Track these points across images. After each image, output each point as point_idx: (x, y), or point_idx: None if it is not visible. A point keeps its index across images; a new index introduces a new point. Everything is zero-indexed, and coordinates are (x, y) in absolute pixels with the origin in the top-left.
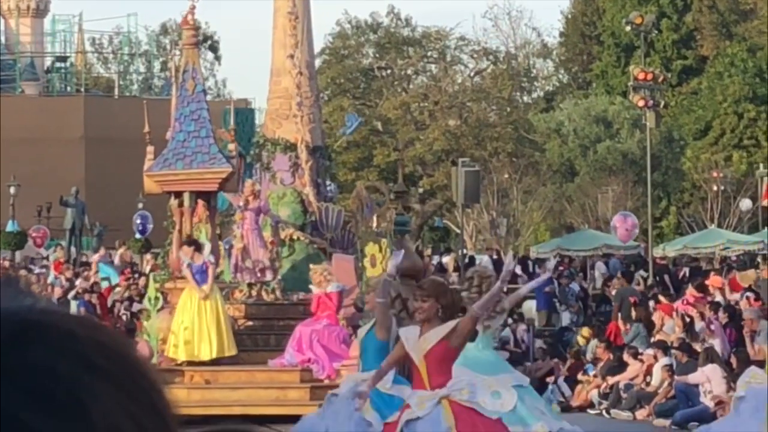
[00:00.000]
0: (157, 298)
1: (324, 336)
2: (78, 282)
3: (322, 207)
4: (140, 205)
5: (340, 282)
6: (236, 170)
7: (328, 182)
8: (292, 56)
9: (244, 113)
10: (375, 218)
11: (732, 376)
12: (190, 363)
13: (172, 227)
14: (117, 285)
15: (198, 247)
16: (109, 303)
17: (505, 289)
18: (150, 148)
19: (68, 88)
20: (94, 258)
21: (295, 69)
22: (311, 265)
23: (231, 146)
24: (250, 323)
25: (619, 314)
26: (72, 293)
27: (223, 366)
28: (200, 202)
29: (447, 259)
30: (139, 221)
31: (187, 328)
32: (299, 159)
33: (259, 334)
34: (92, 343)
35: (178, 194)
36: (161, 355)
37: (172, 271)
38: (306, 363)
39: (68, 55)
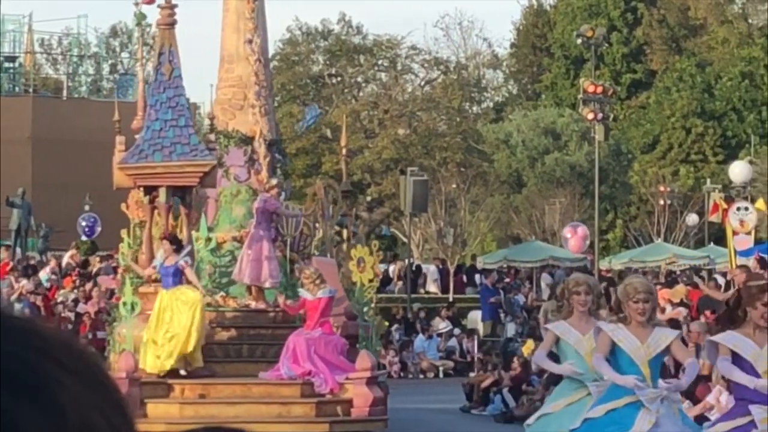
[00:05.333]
0: (134, 304)
1: (321, 346)
2: (23, 283)
3: (283, 206)
4: (87, 207)
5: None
6: (218, 163)
7: (280, 177)
8: (250, 41)
9: None
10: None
11: None
12: (171, 374)
13: (140, 226)
14: (60, 287)
15: (178, 248)
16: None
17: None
18: (120, 138)
19: (16, 89)
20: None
21: (253, 55)
22: (304, 269)
23: (211, 136)
24: (220, 332)
25: None
26: (15, 295)
27: (212, 379)
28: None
29: (392, 268)
30: (84, 223)
31: (173, 337)
32: (256, 153)
33: (231, 344)
34: (57, 341)
35: (149, 189)
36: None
37: (143, 271)
38: (306, 376)
39: (17, 55)
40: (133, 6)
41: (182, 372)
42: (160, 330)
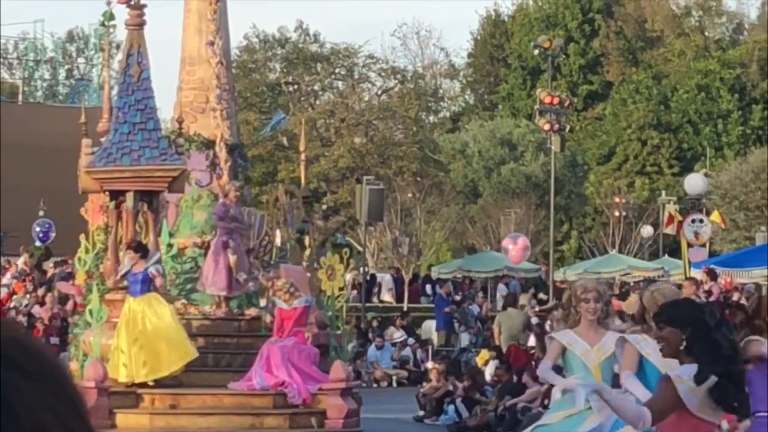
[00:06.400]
0: (101, 311)
1: (294, 356)
2: None
3: (245, 211)
4: (41, 213)
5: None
6: (187, 168)
7: (240, 182)
8: (212, 43)
9: None
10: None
11: None
12: (141, 384)
13: (104, 232)
14: (14, 292)
15: (144, 255)
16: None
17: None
18: (86, 141)
19: None
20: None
21: (215, 58)
22: (275, 279)
23: (180, 140)
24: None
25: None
26: None
27: (182, 389)
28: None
29: (347, 277)
30: (38, 229)
31: (143, 347)
32: (217, 158)
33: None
34: (12, 342)
35: (115, 194)
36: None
37: (109, 281)
38: (279, 386)
39: None
40: (105, 5)
41: (150, 382)
42: (128, 338)
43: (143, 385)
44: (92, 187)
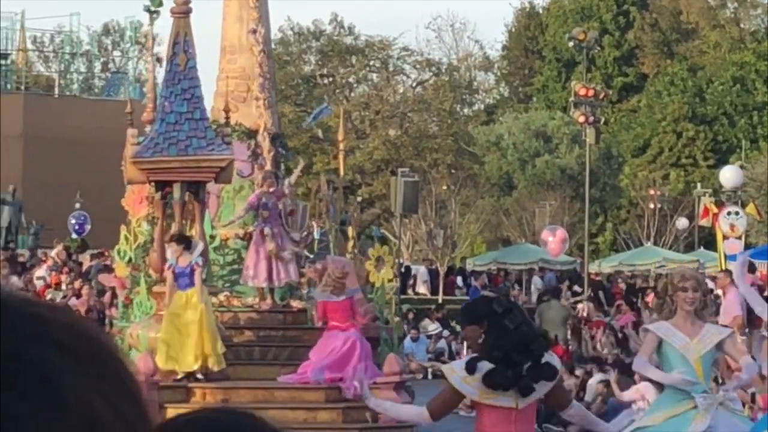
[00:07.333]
0: (150, 305)
1: (356, 348)
2: (13, 280)
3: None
4: (77, 205)
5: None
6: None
7: (276, 172)
8: (254, 31)
9: None
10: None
11: None
12: (186, 376)
13: (150, 223)
14: (50, 285)
15: (187, 246)
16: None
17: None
18: (132, 131)
19: (8, 86)
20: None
21: (258, 46)
22: (330, 270)
23: (227, 129)
24: (230, 334)
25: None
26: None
27: (233, 382)
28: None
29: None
30: (74, 221)
31: (189, 336)
32: (260, 147)
33: (242, 347)
34: (60, 325)
35: (160, 185)
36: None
37: (156, 273)
38: (334, 381)
39: (9, 52)
40: None
41: (199, 376)
42: (173, 330)
43: (193, 378)
44: (138, 177)
